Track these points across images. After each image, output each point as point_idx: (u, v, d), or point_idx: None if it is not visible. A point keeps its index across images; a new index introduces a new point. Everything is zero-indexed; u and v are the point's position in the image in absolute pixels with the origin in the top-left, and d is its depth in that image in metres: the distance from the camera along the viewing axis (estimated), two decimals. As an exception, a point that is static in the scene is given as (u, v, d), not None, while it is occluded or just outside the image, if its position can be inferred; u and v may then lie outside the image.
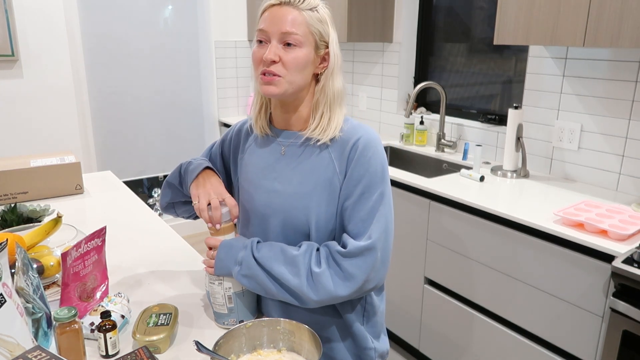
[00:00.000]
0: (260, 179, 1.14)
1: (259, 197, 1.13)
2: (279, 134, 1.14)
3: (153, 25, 3.38)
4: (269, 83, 1.04)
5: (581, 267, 1.58)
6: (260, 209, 1.13)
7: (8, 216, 1.49)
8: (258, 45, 1.05)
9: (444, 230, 2.03)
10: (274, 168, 1.12)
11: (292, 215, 1.08)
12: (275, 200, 1.10)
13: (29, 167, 1.86)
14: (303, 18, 1.03)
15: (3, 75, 2.88)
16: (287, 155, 1.12)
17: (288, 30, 1.01)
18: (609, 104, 1.98)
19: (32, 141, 3.05)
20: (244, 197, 1.18)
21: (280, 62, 1.03)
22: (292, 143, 1.12)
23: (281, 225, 1.10)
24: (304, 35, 1.03)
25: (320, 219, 1.07)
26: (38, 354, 0.79)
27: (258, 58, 1.05)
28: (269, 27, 1.02)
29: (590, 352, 1.59)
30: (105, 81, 3.28)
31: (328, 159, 1.08)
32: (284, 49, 1.03)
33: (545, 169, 2.26)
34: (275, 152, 1.13)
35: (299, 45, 1.03)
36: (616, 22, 1.60)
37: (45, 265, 1.17)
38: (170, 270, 1.35)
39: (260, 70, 1.04)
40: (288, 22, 1.01)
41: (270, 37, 1.03)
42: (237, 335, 0.95)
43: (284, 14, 1.02)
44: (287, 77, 1.04)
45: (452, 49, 2.80)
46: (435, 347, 2.19)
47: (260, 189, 1.13)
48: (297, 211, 1.08)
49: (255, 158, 1.16)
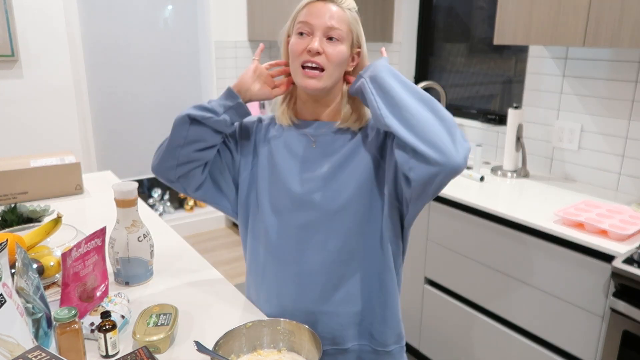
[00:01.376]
0: (290, 170, 1.11)
1: (293, 187, 1.10)
2: (307, 125, 1.14)
3: (153, 26, 3.38)
4: (312, 77, 1.05)
5: (581, 267, 1.58)
6: (294, 199, 1.10)
7: (8, 216, 1.49)
8: (299, 37, 1.06)
9: (444, 230, 2.03)
10: (306, 159, 1.11)
11: (360, 202, 1.08)
12: (339, 194, 1.08)
13: (29, 167, 1.86)
14: (345, 16, 1.06)
15: (3, 75, 2.88)
16: (319, 146, 1.12)
17: (333, 25, 1.04)
18: (609, 104, 1.98)
19: (32, 141, 3.05)
20: (270, 187, 1.14)
21: (324, 54, 1.04)
22: (323, 133, 1.12)
23: (353, 217, 1.08)
24: (346, 33, 1.06)
25: (362, 203, 1.08)
26: (38, 354, 0.79)
27: (300, 49, 1.05)
28: (314, 19, 1.04)
29: (590, 352, 1.59)
30: (105, 81, 3.28)
31: (364, 140, 1.10)
32: (327, 42, 1.04)
33: (545, 169, 2.26)
34: (304, 144, 1.13)
35: (341, 41, 1.05)
36: (616, 22, 1.60)
37: (45, 265, 1.17)
38: (170, 270, 1.35)
39: (301, 61, 1.05)
40: (333, 17, 1.04)
41: (314, 29, 1.04)
42: (237, 335, 0.95)
43: (329, 9, 1.04)
44: (329, 71, 1.05)
45: (452, 49, 2.80)
46: (435, 347, 2.19)
47: (292, 179, 1.11)
48: (335, 200, 1.08)
49: (285, 152, 1.13)
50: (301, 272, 1.11)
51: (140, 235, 1.23)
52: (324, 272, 1.10)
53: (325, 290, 1.11)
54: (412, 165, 0.94)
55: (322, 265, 1.10)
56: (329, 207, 1.08)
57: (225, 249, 3.64)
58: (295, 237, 1.11)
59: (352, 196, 1.08)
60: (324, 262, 1.10)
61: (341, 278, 1.11)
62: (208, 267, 1.38)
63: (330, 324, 1.13)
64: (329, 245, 1.09)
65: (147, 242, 1.25)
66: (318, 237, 1.09)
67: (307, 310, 1.12)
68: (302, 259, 1.11)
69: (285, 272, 1.12)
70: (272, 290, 1.15)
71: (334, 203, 1.08)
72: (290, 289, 1.12)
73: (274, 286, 1.14)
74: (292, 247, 1.11)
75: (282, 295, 1.13)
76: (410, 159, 0.94)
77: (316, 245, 1.10)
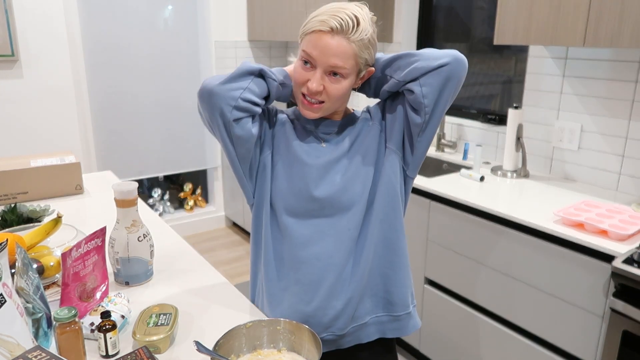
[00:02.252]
0: (325, 174, 1.11)
1: (312, 186, 1.11)
2: (314, 123, 1.14)
3: (153, 26, 3.38)
4: (310, 109, 1.07)
5: (581, 267, 1.58)
6: (351, 200, 1.11)
7: (8, 216, 1.49)
8: (303, 65, 1.05)
9: (444, 230, 2.03)
10: (319, 157, 1.12)
11: (350, 199, 1.10)
12: (352, 186, 1.10)
13: (29, 167, 1.86)
14: (353, 50, 1.01)
15: (3, 75, 2.88)
16: (329, 144, 1.13)
17: (337, 64, 1.01)
18: (609, 104, 1.98)
19: (32, 141, 3.05)
20: (288, 183, 1.12)
21: (324, 91, 1.04)
22: (332, 132, 1.14)
23: (383, 209, 1.12)
24: (351, 68, 1.03)
25: (386, 185, 1.12)
26: (38, 354, 0.79)
27: (302, 80, 1.05)
28: (317, 56, 1.01)
29: (590, 352, 1.59)
30: (105, 81, 3.28)
31: (369, 125, 1.14)
32: (329, 78, 1.03)
33: (545, 169, 2.26)
34: (315, 142, 1.14)
35: (345, 77, 1.04)
36: (616, 22, 1.60)
37: (45, 265, 1.17)
38: (170, 270, 1.35)
39: (302, 90, 1.06)
40: (338, 56, 1.00)
41: (317, 65, 1.02)
42: (237, 335, 0.96)
43: (334, 46, 1.00)
44: (327, 104, 1.07)
45: (452, 49, 2.80)
46: (435, 347, 2.19)
47: (333, 183, 1.11)
48: (357, 193, 1.10)
49: (298, 152, 1.13)
50: (324, 264, 1.12)
51: (140, 235, 1.23)
52: (343, 257, 1.12)
53: (343, 274, 1.13)
54: (426, 81, 1.03)
55: (339, 250, 1.12)
56: (341, 198, 1.11)
57: (225, 249, 3.64)
58: (312, 232, 1.12)
59: (364, 182, 1.11)
60: (341, 247, 1.12)
61: (357, 256, 1.13)
62: (208, 267, 1.38)
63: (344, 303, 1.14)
64: (345, 234, 1.11)
65: (147, 242, 1.25)
66: (334, 227, 1.11)
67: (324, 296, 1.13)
68: (322, 251, 1.12)
69: (305, 268, 1.12)
70: (297, 291, 1.14)
71: (346, 195, 1.11)
72: (314, 285, 1.13)
73: (298, 288, 1.13)
74: (311, 242, 1.12)
75: (308, 292, 1.13)
76: (423, 80, 1.03)
77: (334, 234, 1.12)
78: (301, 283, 1.12)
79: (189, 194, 3.97)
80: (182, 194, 3.97)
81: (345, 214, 1.11)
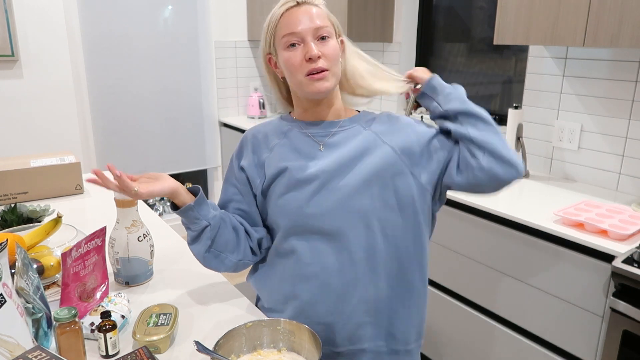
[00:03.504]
0: (304, 173, 1.07)
1: (312, 193, 1.06)
2: (312, 126, 1.12)
3: (153, 25, 3.38)
4: (322, 79, 1.03)
5: (581, 267, 1.58)
6: (316, 206, 1.06)
7: (8, 216, 1.48)
8: (291, 50, 1.03)
9: (444, 231, 2.03)
10: (317, 161, 1.09)
11: (353, 202, 1.05)
12: (333, 193, 1.05)
13: (29, 167, 1.86)
14: (323, 11, 1.05)
15: (3, 75, 2.88)
16: (327, 148, 1.09)
17: (319, 25, 1.03)
18: (609, 104, 1.98)
19: (32, 141, 3.05)
20: (286, 197, 1.08)
21: (322, 56, 1.03)
22: (331, 134, 1.10)
23: (349, 216, 1.05)
24: (330, 27, 1.06)
25: (411, 188, 1.08)
26: (38, 354, 0.79)
27: (298, 61, 1.02)
28: (299, 27, 1.02)
29: (590, 352, 1.59)
30: (105, 81, 3.28)
31: (373, 136, 1.10)
32: (320, 43, 1.03)
33: (545, 169, 2.26)
34: (312, 147, 1.10)
35: (330, 37, 1.05)
36: (616, 22, 1.60)
37: (45, 265, 1.17)
38: (170, 270, 1.35)
39: (305, 72, 1.03)
40: (316, 17, 1.03)
41: (304, 36, 1.02)
42: (237, 335, 0.95)
43: (308, 11, 1.03)
44: (332, 69, 1.05)
45: (452, 49, 2.80)
46: (435, 347, 2.19)
47: (310, 184, 1.06)
48: (360, 196, 1.05)
49: (290, 156, 1.09)
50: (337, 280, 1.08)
51: (140, 235, 1.23)
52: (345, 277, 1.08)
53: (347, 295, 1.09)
54: (491, 159, 1.04)
55: (341, 272, 1.08)
56: (349, 208, 1.05)
57: (225, 249, 3.63)
58: (320, 245, 1.07)
59: (369, 191, 1.05)
60: (344, 269, 1.07)
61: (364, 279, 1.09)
62: (208, 267, 1.37)
63: (346, 323, 1.10)
64: (350, 248, 1.06)
65: (147, 242, 1.25)
66: (340, 242, 1.06)
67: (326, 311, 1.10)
68: (328, 266, 1.07)
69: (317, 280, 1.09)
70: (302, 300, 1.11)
71: (351, 205, 1.05)
72: (325, 296, 1.09)
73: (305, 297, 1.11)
74: (319, 256, 1.08)
75: (314, 303, 1.10)
76: (489, 156, 1.04)
77: (338, 251, 1.07)
78: (300, 299, 1.10)
79: (189, 194, 3.96)
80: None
81: (344, 233, 1.06)
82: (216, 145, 3.86)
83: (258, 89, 3.86)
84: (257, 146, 1.15)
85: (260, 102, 3.73)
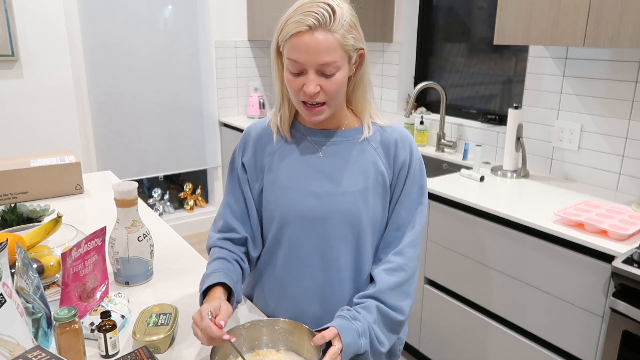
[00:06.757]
0: (302, 181, 1.09)
1: (307, 200, 1.08)
2: (312, 134, 1.11)
3: (153, 26, 3.38)
4: (315, 113, 1.02)
5: (581, 267, 1.58)
6: (311, 212, 1.08)
7: (8, 216, 1.49)
8: (292, 75, 0.99)
9: (444, 230, 2.03)
10: (318, 169, 1.09)
11: (353, 214, 1.07)
12: (330, 202, 1.07)
13: (29, 167, 1.86)
14: (337, 40, 0.96)
15: (3, 75, 2.88)
16: (326, 155, 1.10)
17: (326, 61, 0.96)
18: (609, 104, 1.98)
19: (32, 141, 3.05)
20: (278, 201, 1.11)
21: (321, 91, 0.99)
22: (332, 142, 1.10)
23: (340, 227, 1.08)
24: (341, 59, 0.98)
25: (377, 215, 1.10)
26: (38, 354, 0.79)
27: (296, 88, 1.00)
28: (303, 57, 0.95)
29: (590, 352, 1.59)
30: (105, 81, 3.28)
31: (374, 154, 1.10)
32: (324, 76, 0.98)
33: (545, 169, 2.26)
34: (311, 152, 1.10)
35: (338, 70, 0.98)
36: (616, 22, 1.60)
37: (45, 265, 1.17)
38: (170, 270, 1.35)
39: (300, 99, 1.01)
40: (324, 52, 0.95)
41: (307, 68, 0.97)
42: (236, 335, 0.95)
43: (318, 43, 0.94)
44: (330, 102, 1.02)
45: (452, 49, 2.80)
46: (435, 347, 2.19)
47: (305, 191, 1.08)
48: (358, 209, 1.07)
49: (290, 161, 1.11)
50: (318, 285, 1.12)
51: (140, 235, 1.23)
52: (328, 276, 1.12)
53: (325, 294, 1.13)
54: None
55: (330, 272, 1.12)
56: (351, 218, 1.08)
57: (225, 249, 3.63)
58: (310, 248, 1.11)
59: (370, 205, 1.09)
60: (332, 269, 1.11)
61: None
62: (208, 267, 1.37)
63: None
64: (337, 253, 1.10)
65: (147, 242, 1.25)
66: (331, 248, 1.10)
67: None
68: (316, 270, 1.12)
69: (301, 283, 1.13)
70: (293, 301, 1.15)
71: (356, 212, 1.08)
72: (309, 302, 1.14)
73: (294, 297, 1.15)
74: (308, 258, 1.11)
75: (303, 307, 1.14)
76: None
77: (328, 257, 1.11)
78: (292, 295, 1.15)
79: (189, 193, 3.97)
80: (182, 193, 3.98)
81: (337, 231, 1.09)
82: (216, 145, 3.86)
83: (258, 89, 3.86)
84: (258, 147, 1.15)
85: (261, 102, 3.74)
